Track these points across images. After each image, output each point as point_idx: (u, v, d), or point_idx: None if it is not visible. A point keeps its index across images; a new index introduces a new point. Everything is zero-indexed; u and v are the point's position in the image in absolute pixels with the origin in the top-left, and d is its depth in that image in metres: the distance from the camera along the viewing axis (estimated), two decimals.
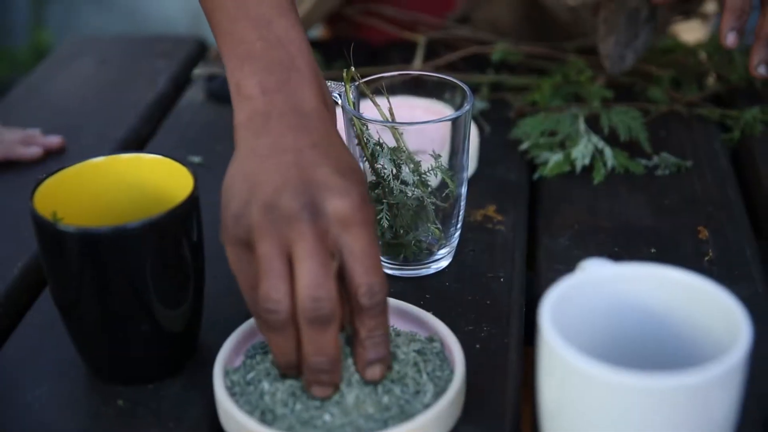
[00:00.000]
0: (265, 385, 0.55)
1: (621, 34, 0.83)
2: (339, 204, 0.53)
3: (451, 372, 0.57)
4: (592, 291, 0.50)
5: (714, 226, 0.72)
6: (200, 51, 1.05)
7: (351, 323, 0.54)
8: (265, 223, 0.53)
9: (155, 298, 0.56)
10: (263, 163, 0.55)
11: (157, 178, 0.59)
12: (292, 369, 0.55)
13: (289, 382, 0.55)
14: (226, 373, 0.57)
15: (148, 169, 0.60)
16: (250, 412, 0.54)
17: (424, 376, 0.56)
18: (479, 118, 0.87)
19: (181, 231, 0.56)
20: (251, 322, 0.60)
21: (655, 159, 0.79)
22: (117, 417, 0.57)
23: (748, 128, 0.83)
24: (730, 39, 0.78)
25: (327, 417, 0.53)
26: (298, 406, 0.54)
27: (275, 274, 0.52)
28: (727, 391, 0.45)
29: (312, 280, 0.51)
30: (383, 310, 0.54)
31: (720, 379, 0.44)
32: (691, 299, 0.49)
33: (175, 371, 0.60)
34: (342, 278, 0.53)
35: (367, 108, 0.68)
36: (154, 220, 0.54)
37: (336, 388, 0.54)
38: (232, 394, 0.55)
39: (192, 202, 0.56)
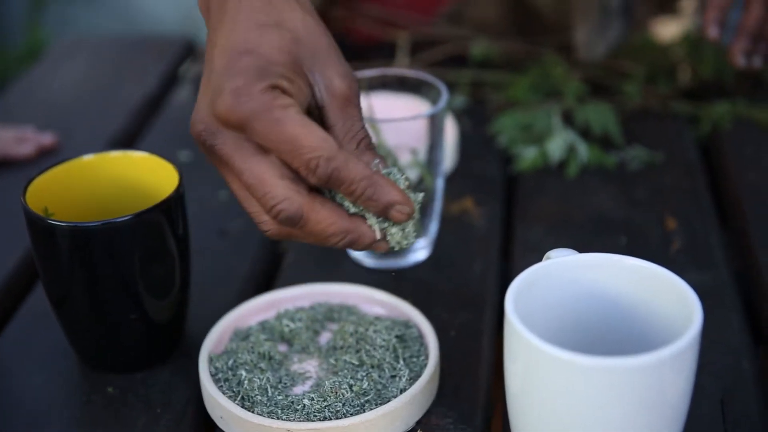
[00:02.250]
0: (243, 373, 0.58)
1: (593, 23, 0.86)
2: (216, 111, 0.51)
3: (427, 357, 0.60)
4: (556, 278, 0.52)
5: (682, 217, 0.75)
6: (188, 50, 1.07)
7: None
8: (207, 156, 0.53)
9: (143, 290, 0.59)
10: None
11: (145, 175, 0.62)
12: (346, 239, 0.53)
13: (266, 374, 0.58)
14: (211, 360, 0.59)
15: (135, 166, 0.62)
16: (233, 398, 0.57)
17: (401, 362, 0.59)
18: (460, 114, 0.90)
19: (167, 225, 0.59)
20: (235, 311, 0.63)
21: (627, 152, 0.82)
22: (107, 404, 0.59)
23: (718, 122, 0.86)
24: (713, 31, 0.81)
25: (306, 401, 0.56)
26: (277, 394, 0.57)
27: (242, 198, 0.53)
28: (679, 371, 0.47)
29: (257, 194, 0.51)
30: (338, 172, 0.51)
31: (671, 361, 0.46)
32: (648, 285, 0.52)
33: (163, 359, 0.62)
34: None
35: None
36: (141, 214, 0.57)
37: (376, 240, 0.53)
38: (216, 380, 0.58)
39: (177, 198, 0.59)
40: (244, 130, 0.50)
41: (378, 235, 0.53)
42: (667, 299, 0.51)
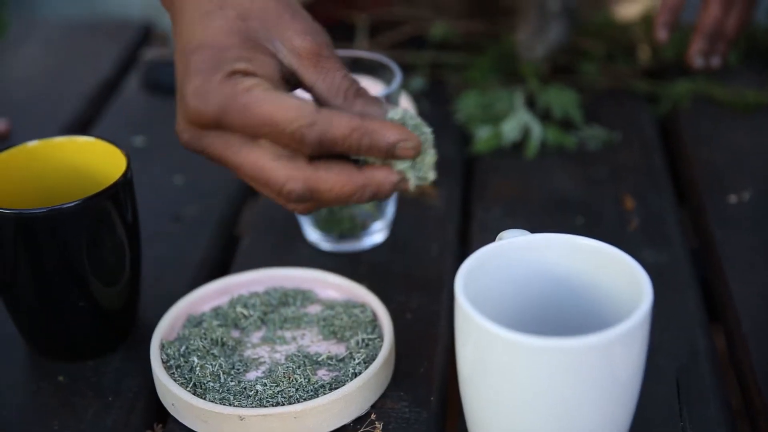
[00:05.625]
0: (195, 360, 0.57)
1: (531, 24, 0.85)
2: (186, 117, 0.51)
3: (381, 340, 0.59)
4: (507, 259, 0.52)
5: (640, 196, 0.75)
6: (145, 34, 1.06)
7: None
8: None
9: (92, 277, 0.58)
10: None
11: (92, 160, 0.61)
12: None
13: (218, 360, 0.57)
14: (162, 347, 0.59)
15: (82, 151, 0.61)
16: (184, 385, 0.56)
17: (354, 345, 0.58)
18: (419, 96, 0.89)
19: (115, 211, 0.57)
20: (188, 297, 0.62)
21: (586, 132, 0.82)
22: (57, 392, 0.58)
23: (678, 101, 0.86)
24: (662, 34, 0.82)
25: (259, 387, 0.56)
26: (229, 380, 0.56)
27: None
28: (629, 350, 0.47)
29: (260, 182, 0.50)
30: (324, 133, 0.49)
31: (621, 340, 0.46)
32: (600, 265, 0.51)
33: (114, 347, 0.61)
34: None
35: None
36: (87, 200, 0.56)
37: (403, 180, 0.52)
38: (168, 368, 0.57)
39: (125, 183, 0.58)
40: (220, 126, 0.49)
41: (395, 177, 0.51)
42: (618, 278, 0.51)
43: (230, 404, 0.55)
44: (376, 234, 0.71)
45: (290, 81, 0.52)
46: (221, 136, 0.50)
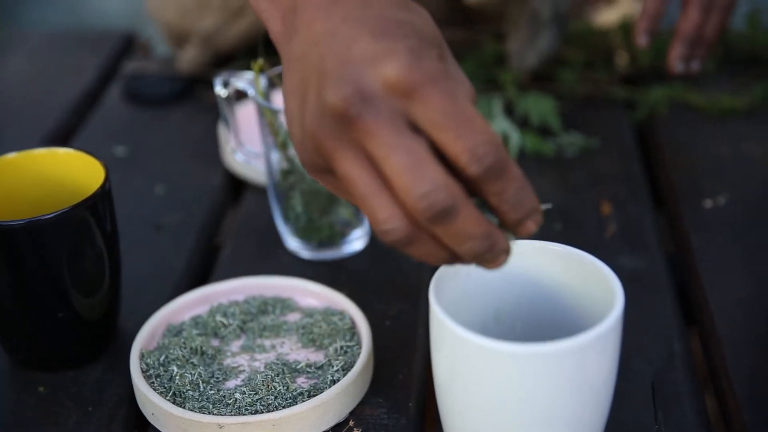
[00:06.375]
0: (174, 369, 0.57)
1: (522, 33, 0.86)
2: (385, 72, 0.43)
3: (360, 347, 0.60)
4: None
5: (618, 202, 0.76)
6: (127, 44, 1.06)
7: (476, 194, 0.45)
8: (324, 140, 0.44)
9: (71, 288, 0.58)
10: (300, 69, 0.46)
11: (71, 172, 0.61)
12: (454, 262, 0.47)
13: (198, 369, 0.57)
14: (142, 356, 0.59)
15: (61, 163, 0.62)
16: (164, 394, 0.56)
17: (332, 352, 0.59)
18: None
19: (94, 221, 0.58)
20: (168, 306, 0.63)
21: (564, 139, 0.83)
22: (37, 403, 0.59)
23: (655, 107, 0.87)
24: (643, 41, 0.82)
25: (238, 395, 0.56)
26: (209, 389, 0.57)
27: (368, 192, 0.44)
28: (601, 355, 0.48)
29: (407, 178, 0.42)
30: (503, 166, 0.43)
31: (592, 345, 0.47)
32: (573, 271, 0.52)
33: (95, 357, 0.62)
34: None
35: (279, 98, 0.70)
36: (65, 212, 0.56)
37: (508, 252, 0.46)
38: (148, 377, 0.58)
39: (103, 194, 0.58)
40: (411, 97, 0.43)
41: (507, 246, 0.46)
42: (590, 283, 0.51)
43: (209, 413, 0.55)
44: (356, 242, 0.71)
45: None
46: (392, 111, 0.43)
